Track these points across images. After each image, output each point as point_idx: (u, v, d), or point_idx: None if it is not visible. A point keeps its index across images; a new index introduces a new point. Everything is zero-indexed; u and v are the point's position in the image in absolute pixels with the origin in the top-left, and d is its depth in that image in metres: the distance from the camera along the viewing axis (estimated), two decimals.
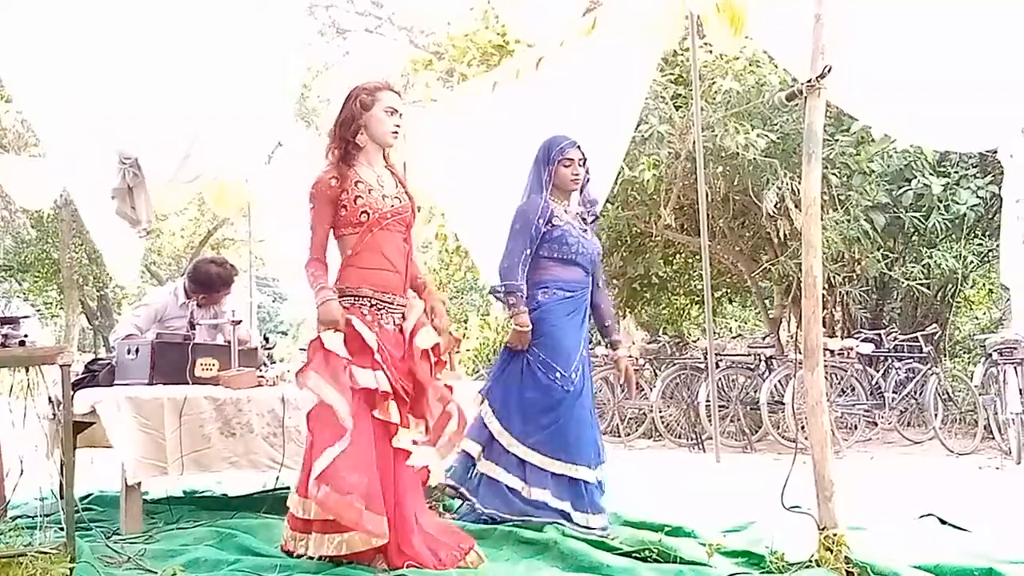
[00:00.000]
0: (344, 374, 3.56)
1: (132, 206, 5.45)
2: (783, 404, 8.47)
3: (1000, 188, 7.05)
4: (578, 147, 4.72)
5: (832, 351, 8.81)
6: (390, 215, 3.72)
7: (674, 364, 10.12)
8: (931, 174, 9.47)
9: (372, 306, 3.70)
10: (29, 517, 4.62)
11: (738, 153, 9.13)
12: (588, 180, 4.84)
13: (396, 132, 3.77)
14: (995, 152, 4.54)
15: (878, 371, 9.37)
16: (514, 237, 4.64)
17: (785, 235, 9.87)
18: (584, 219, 4.79)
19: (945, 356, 11.56)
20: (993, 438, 8.16)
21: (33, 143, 15.80)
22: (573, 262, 4.65)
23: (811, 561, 3.65)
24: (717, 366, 8.89)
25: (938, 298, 11.20)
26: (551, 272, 4.64)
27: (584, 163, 4.73)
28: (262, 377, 4.94)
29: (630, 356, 4.94)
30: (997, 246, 7.81)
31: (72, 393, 4.20)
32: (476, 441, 4.59)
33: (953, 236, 10.02)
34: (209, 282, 5.61)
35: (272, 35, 5.55)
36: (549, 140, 4.78)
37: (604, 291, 4.99)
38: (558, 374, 4.52)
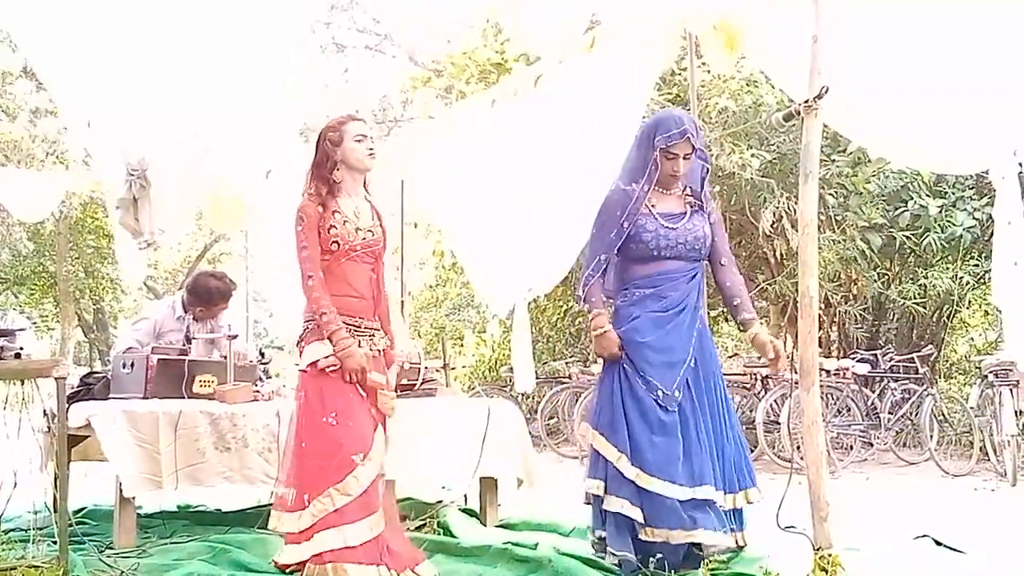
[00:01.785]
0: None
1: (136, 217, 5.47)
2: (779, 424, 8.46)
3: None
4: (689, 138, 4.02)
5: (828, 371, 8.80)
6: (359, 247, 3.85)
7: None
8: (928, 195, 9.50)
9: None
10: (22, 530, 4.60)
11: (735, 173, 9.16)
12: (707, 172, 4.24)
13: (371, 154, 3.88)
14: (987, 173, 4.56)
15: (874, 392, 9.37)
16: (592, 239, 4.21)
17: (782, 255, 9.89)
18: (689, 201, 4.19)
19: (941, 377, 11.56)
20: (988, 460, 8.15)
21: (40, 158, 15.84)
22: (656, 257, 4.08)
23: None
24: None
25: (934, 319, 11.21)
26: (630, 272, 4.16)
27: (690, 156, 4.09)
28: (257, 392, 4.94)
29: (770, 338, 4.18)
30: None
31: (67, 406, 4.20)
32: (596, 477, 4.02)
33: (949, 257, 10.04)
34: (208, 296, 5.61)
35: (271, 37, 5.56)
36: (656, 120, 4.14)
37: (731, 269, 4.26)
38: (660, 392, 3.96)
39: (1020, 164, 4.35)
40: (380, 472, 3.79)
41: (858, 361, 9.34)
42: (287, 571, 3.75)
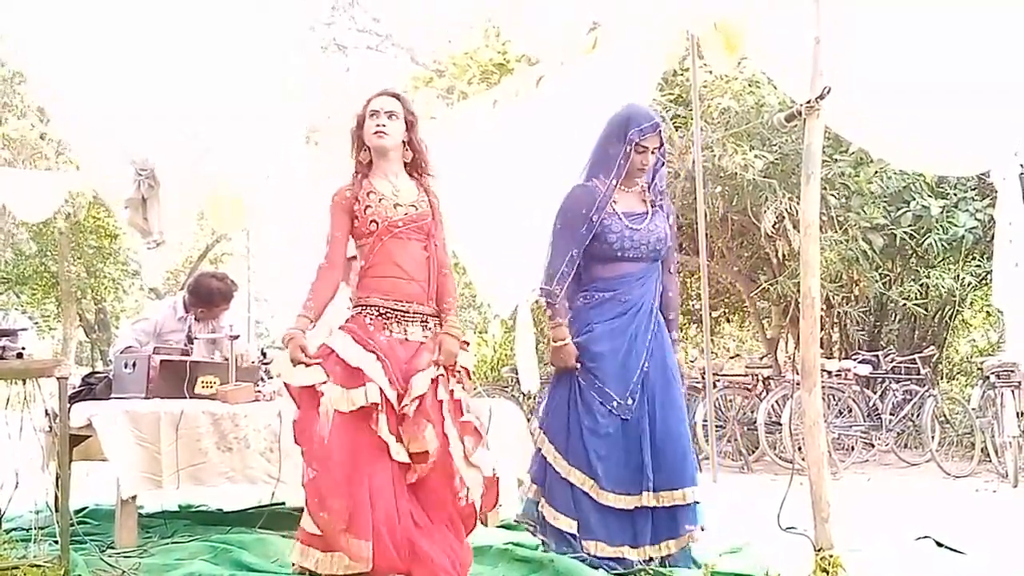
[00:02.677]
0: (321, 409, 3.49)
1: (145, 217, 5.48)
2: (780, 425, 8.46)
3: None
4: (659, 133, 4.05)
5: (830, 372, 8.81)
6: (402, 223, 3.62)
7: None
8: (930, 196, 9.50)
9: (379, 315, 3.59)
10: (24, 530, 4.60)
11: (737, 173, 9.17)
12: (661, 164, 4.19)
13: (380, 133, 3.66)
14: (988, 174, 4.57)
15: (875, 392, 9.37)
16: (556, 237, 4.11)
17: (783, 255, 9.89)
18: (650, 200, 4.17)
19: (942, 378, 11.56)
20: (990, 461, 8.15)
21: (47, 156, 15.84)
22: (619, 258, 4.05)
23: None
24: (714, 386, 8.89)
25: (936, 320, 11.21)
26: (591, 272, 4.11)
27: (660, 150, 4.10)
28: (259, 392, 4.94)
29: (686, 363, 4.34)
30: None
31: (69, 406, 4.21)
32: (536, 482, 4.12)
33: (951, 258, 10.04)
34: (209, 296, 5.61)
35: (272, 37, 5.57)
36: (627, 112, 4.11)
37: (673, 278, 4.28)
38: (615, 402, 3.98)
39: (1021, 165, 4.35)
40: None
41: (860, 362, 9.34)
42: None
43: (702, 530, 4.06)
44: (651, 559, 3.99)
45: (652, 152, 4.06)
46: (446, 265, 3.78)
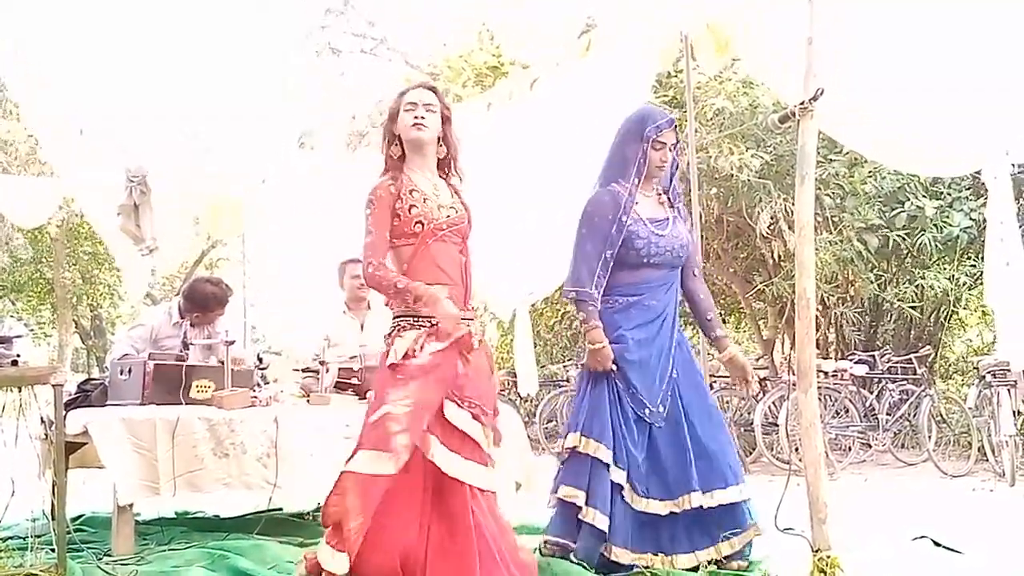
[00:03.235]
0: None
1: (137, 223, 5.47)
2: (777, 426, 8.46)
3: None
4: (675, 128, 4.06)
5: (826, 373, 8.81)
6: (445, 226, 3.49)
7: None
8: (924, 196, 9.52)
9: (433, 325, 3.39)
10: (20, 538, 4.60)
11: (732, 174, 9.17)
12: (677, 167, 4.21)
13: (418, 124, 3.50)
14: (979, 173, 4.58)
15: (872, 393, 9.37)
16: (582, 242, 4.07)
17: (779, 256, 9.90)
18: (671, 203, 4.18)
19: (939, 378, 11.56)
20: (987, 460, 8.15)
21: (43, 161, 15.83)
22: (644, 264, 4.05)
23: None
24: (711, 387, 8.88)
25: (931, 320, 11.22)
26: (616, 277, 4.06)
27: (676, 147, 4.10)
28: (255, 397, 4.93)
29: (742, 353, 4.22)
30: None
31: (64, 413, 4.20)
32: (576, 487, 3.96)
33: (946, 258, 10.05)
34: (204, 301, 5.60)
35: (270, 41, 5.57)
36: (642, 113, 4.14)
37: (701, 280, 4.34)
38: (647, 410, 3.99)
39: (1014, 165, 4.37)
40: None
41: (856, 362, 9.34)
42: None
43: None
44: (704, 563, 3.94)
45: (669, 149, 4.06)
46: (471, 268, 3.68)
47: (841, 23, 4.13)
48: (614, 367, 4.00)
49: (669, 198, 4.19)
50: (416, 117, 3.52)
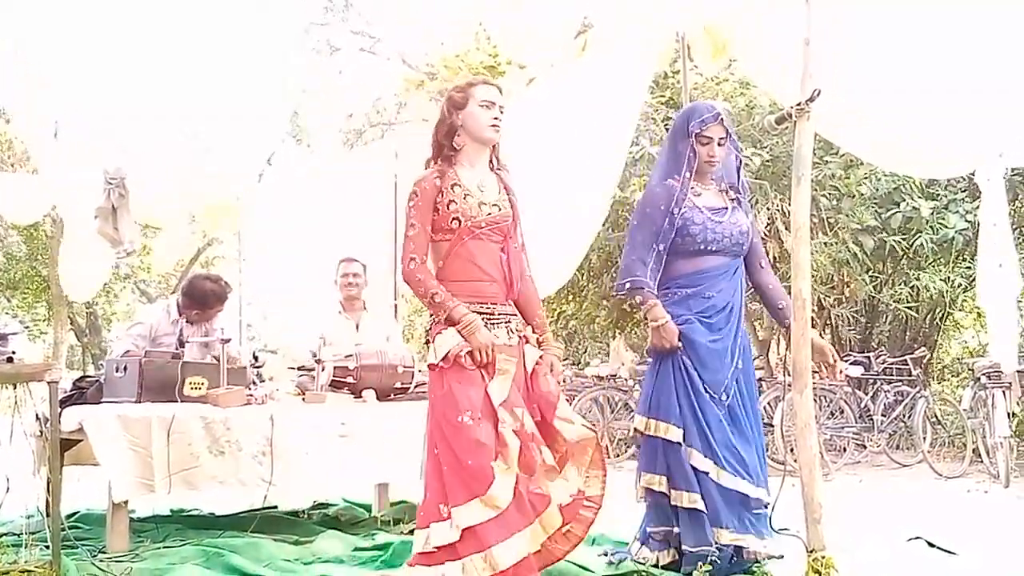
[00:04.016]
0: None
1: (115, 226, 5.44)
2: (772, 426, 8.46)
3: None
4: (722, 122, 4.02)
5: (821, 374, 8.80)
6: (484, 224, 3.45)
7: None
8: (920, 197, 9.53)
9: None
10: (15, 535, 4.59)
11: None
12: (740, 163, 4.20)
13: (496, 125, 3.52)
14: (974, 175, 4.59)
15: (867, 394, 9.38)
16: (633, 234, 4.04)
17: (775, 257, 9.89)
18: (732, 195, 4.14)
19: (934, 379, 11.58)
20: (981, 462, 8.17)
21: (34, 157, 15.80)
22: (701, 251, 3.99)
23: None
24: None
25: (927, 321, 11.24)
26: (672, 268, 4.01)
27: (725, 141, 4.04)
28: (251, 396, 4.93)
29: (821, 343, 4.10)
30: None
31: (60, 410, 4.20)
32: (657, 472, 3.93)
33: (942, 259, 10.07)
34: (203, 298, 5.59)
35: (272, 36, 5.56)
36: (690, 108, 4.13)
37: (769, 270, 4.25)
38: (710, 395, 3.93)
39: (1007, 168, 4.37)
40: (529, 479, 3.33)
41: (851, 363, 9.35)
42: None
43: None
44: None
45: (719, 144, 4.01)
46: (528, 269, 3.65)
47: (838, 25, 4.13)
48: (680, 344, 3.93)
49: (733, 192, 4.14)
50: (495, 118, 3.53)
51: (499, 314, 3.47)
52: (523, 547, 3.22)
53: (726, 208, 4.07)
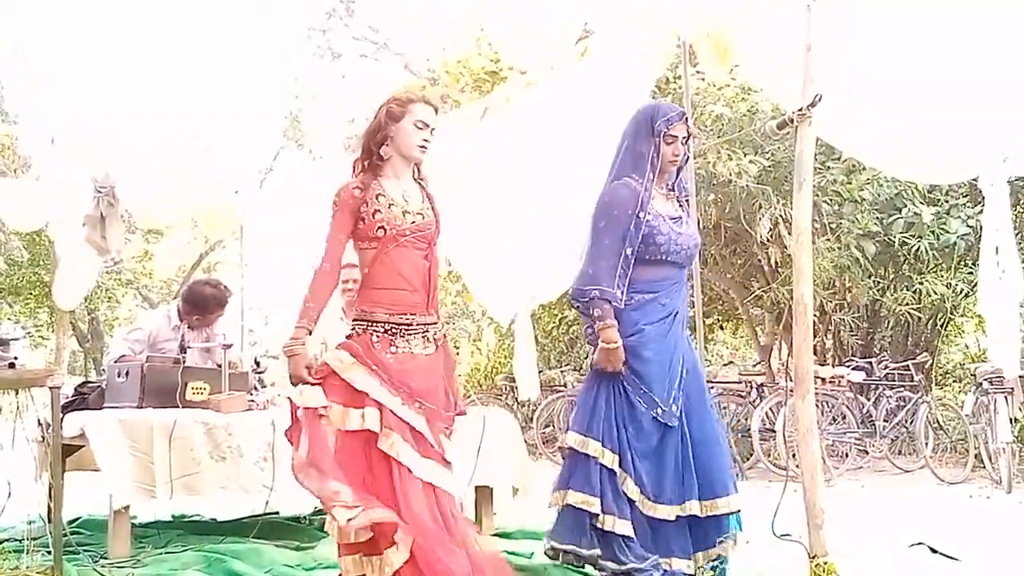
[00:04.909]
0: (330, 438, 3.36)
1: (103, 235, 5.44)
2: (774, 432, 8.46)
3: None
4: (686, 121, 3.97)
5: (823, 379, 8.81)
6: (408, 232, 3.50)
7: None
8: (921, 203, 9.53)
9: (386, 331, 3.46)
10: (17, 540, 4.59)
11: (730, 180, 9.18)
12: (688, 159, 4.12)
13: (424, 147, 3.55)
14: (977, 180, 4.58)
15: (869, 399, 9.38)
16: (600, 236, 3.92)
17: (776, 262, 9.91)
18: (680, 200, 4.07)
19: (936, 385, 11.56)
20: (984, 467, 8.16)
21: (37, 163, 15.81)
22: (662, 261, 3.94)
23: None
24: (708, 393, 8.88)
25: (929, 326, 11.23)
26: (634, 273, 3.92)
27: (687, 140, 4.00)
28: (252, 401, 4.93)
29: None
30: None
31: (61, 416, 4.20)
32: (590, 492, 3.82)
33: (943, 265, 10.06)
34: (204, 303, 5.59)
35: (272, 41, 5.57)
36: (651, 107, 4.04)
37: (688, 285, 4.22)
38: (659, 409, 3.86)
39: (1017, 177, 4.36)
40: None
41: (853, 369, 9.35)
42: None
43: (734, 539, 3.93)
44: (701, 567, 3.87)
45: (682, 142, 3.95)
46: (436, 272, 3.68)
47: (840, 29, 4.13)
48: (624, 367, 3.89)
49: (677, 196, 4.08)
50: (425, 139, 3.56)
51: (417, 324, 3.52)
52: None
53: (680, 217, 4.01)
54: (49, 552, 3.98)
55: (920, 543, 4.79)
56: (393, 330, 3.48)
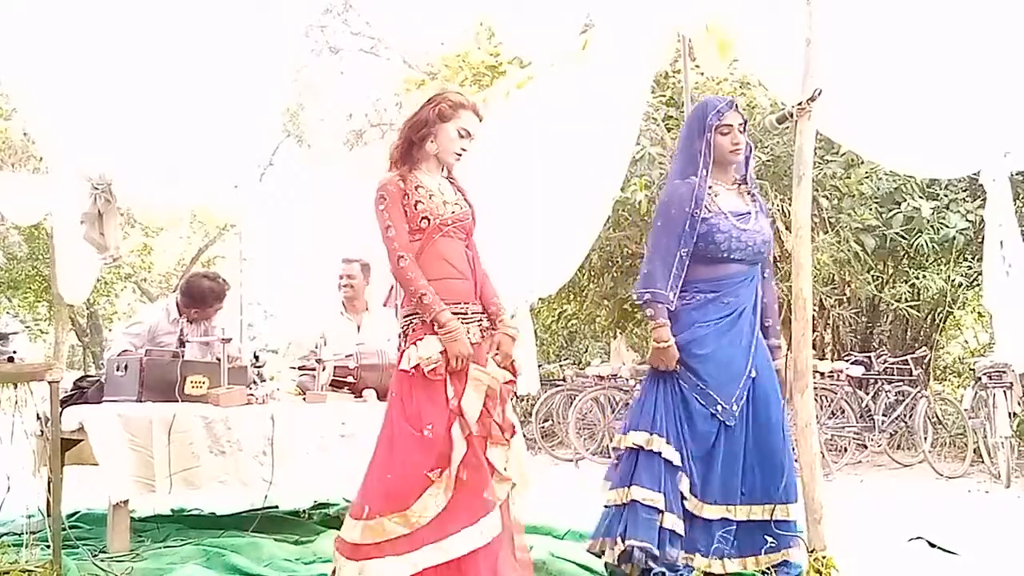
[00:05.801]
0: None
1: (101, 232, 5.42)
2: None
3: None
4: (737, 109, 3.98)
5: (822, 373, 8.81)
6: (451, 221, 3.51)
7: None
8: (921, 197, 9.53)
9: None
10: (15, 534, 4.59)
11: None
12: (751, 151, 4.10)
13: (460, 155, 3.59)
14: (979, 175, 4.57)
15: (868, 394, 9.38)
16: (657, 236, 3.92)
17: (775, 257, 9.89)
18: (751, 194, 4.05)
19: (934, 379, 11.57)
20: (982, 462, 8.17)
21: (38, 157, 15.79)
22: (723, 259, 3.90)
23: None
24: None
25: (928, 321, 11.23)
26: (692, 272, 3.90)
27: (744, 128, 4.00)
28: (251, 395, 4.93)
29: (778, 365, 4.01)
30: None
31: (60, 410, 4.19)
32: (654, 489, 3.78)
33: (942, 259, 10.07)
34: (202, 296, 5.59)
35: (269, 36, 5.55)
36: (702, 104, 4.04)
37: (770, 283, 4.10)
38: (719, 406, 3.82)
39: (1018, 172, 4.36)
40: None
41: (852, 363, 9.35)
42: None
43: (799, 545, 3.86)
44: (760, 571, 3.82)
45: (739, 130, 3.95)
46: (479, 262, 3.69)
47: (839, 23, 4.12)
48: (678, 367, 3.87)
49: (749, 190, 4.06)
50: (463, 148, 3.59)
51: (471, 313, 3.52)
52: (435, 558, 3.25)
53: (749, 213, 3.96)
54: (48, 546, 3.97)
55: (919, 537, 4.79)
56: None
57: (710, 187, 3.93)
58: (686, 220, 3.84)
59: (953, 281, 9.91)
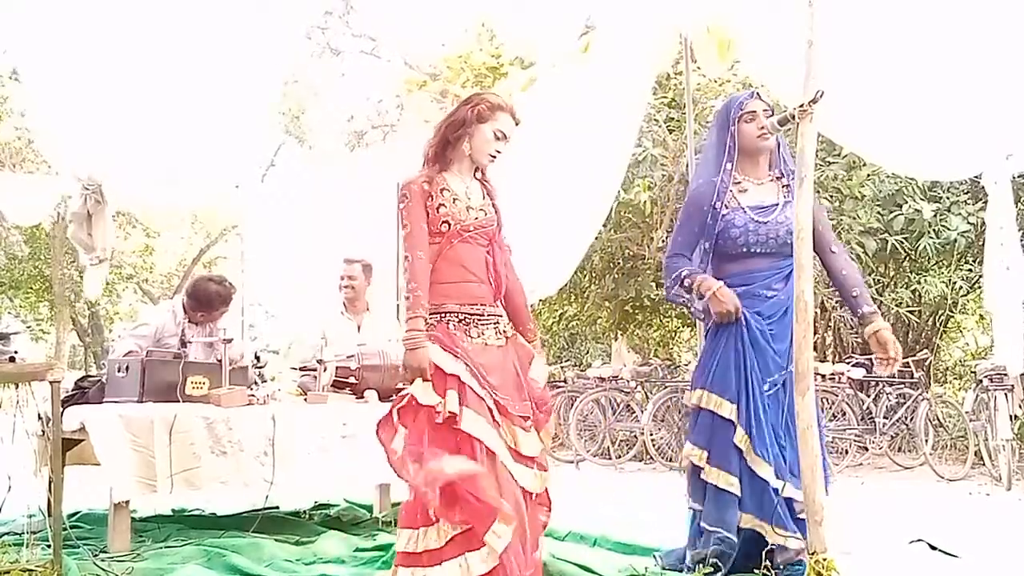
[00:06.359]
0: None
1: (89, 232, 5.44)
2: None
3: None
4: (759, 96, 3.99)
5: (823, 376, 8.81)
6: (472, 227, 3.52)
7: (665, 387, 10.11)
8: (922, 199, 9.53)
9: (460, 321, 3.46)
10: (16, 534, 4.59)
11: None
12: (783, 137, 4.06)
13: (494, 157, 3.59)
14: (980, 178, 4.58)
15: (869, 396, 9.38)
16: (679, 230, 4.04)
17: None
18: (788, 186, 4.02)
19: (935, 382, 11.57)
20: (983, 464, 8.17)
21: (31, 159, 15.81)
22: (745, 254, 3.95)
23: None
24: None
25: (929, 324, 11.23)
26: (720, 269, 3.98)
27: (769, 113, 3.97)
28: (252, 396, 4.93)
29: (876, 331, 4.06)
30: None
31: (62, 410, 4.20)
32: (698, 445, 3.88)
33: (944, 262, 10.07)
34: (208, 300, 5.59)
35: (271, 38, 5.56)
36: (728, 100, 4.10)
37: (843, 256, 4.08)
38: (773, 375, 3.87)
39: (1019, 175, 4.37)
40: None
41: (853, 366, 9.35)
42: None
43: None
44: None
45: (764, 115, 3.95)
46: (514, 271, 3.71)
47: (841, 25, 4.13)
48: (742, 310, 3.87)
49: (784, 181, 4.05)
50: (497, 151, 3.59)
51: (488, 315, 3.53)
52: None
53: (776, 204, 4.00)
54: (49, 546, 3.98)
55: (919, 540, 4.79)
56: (467, 320, 3.48)
57: (737, 182, 3.98)
58: (706, 215, 3.93)
59: (954, 284, 9.90)
